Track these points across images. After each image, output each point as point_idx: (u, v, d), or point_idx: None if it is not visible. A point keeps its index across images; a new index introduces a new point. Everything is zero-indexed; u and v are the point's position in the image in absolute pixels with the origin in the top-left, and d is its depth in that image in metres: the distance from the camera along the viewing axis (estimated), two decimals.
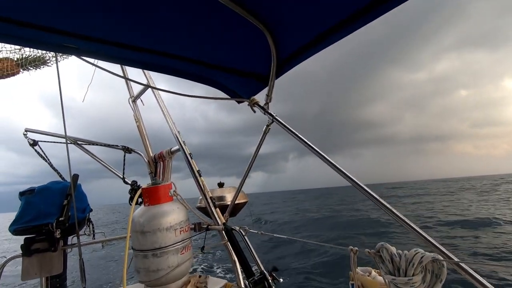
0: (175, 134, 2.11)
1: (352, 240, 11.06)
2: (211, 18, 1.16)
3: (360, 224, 15.63)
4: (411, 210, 22.85)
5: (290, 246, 8.99)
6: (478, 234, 11.29)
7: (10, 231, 1.85)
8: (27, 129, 2.83)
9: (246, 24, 1.14)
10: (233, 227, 1.74)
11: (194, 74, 1.77)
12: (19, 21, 1.14)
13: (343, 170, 1.22)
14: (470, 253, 8.56)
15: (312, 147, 1.30)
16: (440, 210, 21.48)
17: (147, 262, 1.65)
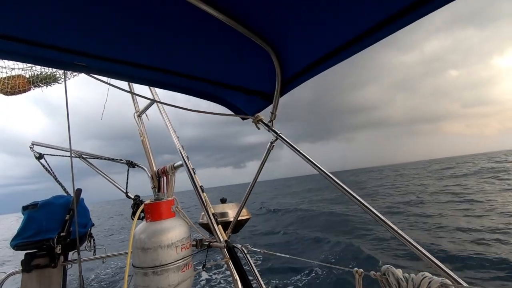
0: (179, 149, 2.12)
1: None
2: (217, 38, 1.19)
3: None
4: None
5: (291, 263, 8.81)
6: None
7: (11, 246, 1.84)
8: (34, 142, 2.87)
9: (251, 43, 1.16)
10: (235, 245, 1.71)
11: (200, 91, 1.80)
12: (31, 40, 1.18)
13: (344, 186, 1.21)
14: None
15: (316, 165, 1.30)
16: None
17: (147, 280, 1.62)
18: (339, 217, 15.54)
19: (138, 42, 1.25)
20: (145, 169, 2.57)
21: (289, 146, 1.46)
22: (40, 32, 1.15)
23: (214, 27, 1.11)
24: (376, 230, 11.01)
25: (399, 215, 14.46)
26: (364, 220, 13.02)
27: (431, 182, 30.20)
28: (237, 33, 1.08)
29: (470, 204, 14.79)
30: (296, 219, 17.39)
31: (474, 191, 19.21)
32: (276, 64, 1.26)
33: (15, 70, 2.19)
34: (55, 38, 1.19)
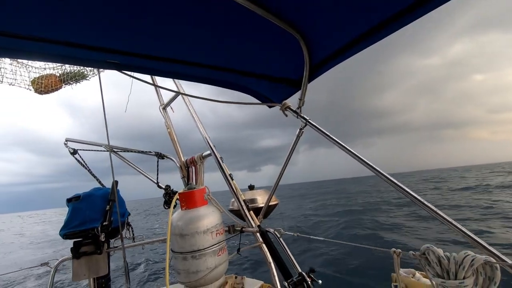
0: (206, 139, 2.18)
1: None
2: (243, 26, 1.20)
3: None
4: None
5: (324, 247, 8.88)
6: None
7: (60, 235, 2.00)
8: (68, 139, 3.03)
9: (278, 30, 1.16)
10: (268, 229, 1.77)
11: (225, 81, 1.82)
12: (68, 42, 1.24)
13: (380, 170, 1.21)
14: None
15: (350, 150, 1.31)
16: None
17: (186, 264, 1.72)
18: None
19: (164, 36, 1.28)
20: (173, 160, 2.66)
21: (319, 132, 1.47)
22: (76, 33, 1.20)
23: (240, 16, 1.11)
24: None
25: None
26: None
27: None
28: (264, 21, 1.09)
29: None
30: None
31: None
32: (304, 51, 1.26)
33: (47, 70, 2.30)
34: (90, 38, 1.24)
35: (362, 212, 18.30)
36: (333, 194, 41.08)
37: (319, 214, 19.47)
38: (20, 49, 1.23)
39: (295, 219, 17.70)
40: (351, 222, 15.16)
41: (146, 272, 8.83)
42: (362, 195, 33.63)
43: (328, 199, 32.44)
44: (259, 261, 8.09)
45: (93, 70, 2.45)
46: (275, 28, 1.14)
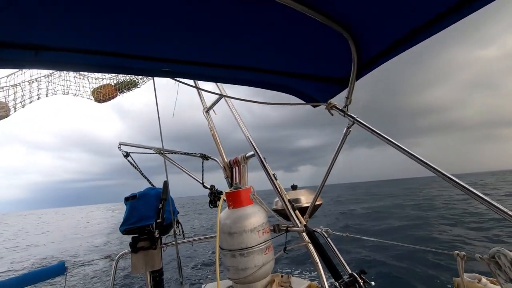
0: (250, 140, 2.23)
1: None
2: (288, 27, 1.22)
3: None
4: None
5: (375, 247, 8.55)
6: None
7: (120, 231, 2.19)
8: (121, 142, 3.29)
9: (323, 29, 1.16)
10: (315, 229, 1.77)
11: (268, 83, 1.85)
12: (130, 54, 1.36)
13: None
14: None
15: (405, 149, 1.26)
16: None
17: (235, 261, 1.78)
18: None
19: (211, 43, 1.34)
20: (217, 161, 2.77)
21: (368, 130, 1.43)
22: (137, 46, 1.31)
23: (283, 17, 1.13)
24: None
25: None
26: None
27: None
28: (310, 21, 1.09)
29: None
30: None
31: None
32: (352, 48, 1.24)
33: (104, 80, 2.53)
34: (148, 49, 1.35)
35: (415, 212, 17.29)
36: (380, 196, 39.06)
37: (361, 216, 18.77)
38: (83, 62, 1.37)
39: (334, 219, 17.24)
40: (403, 222, 14.42)
41: (194, 268, 9.30)
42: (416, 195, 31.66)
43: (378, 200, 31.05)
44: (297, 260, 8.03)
45: (143, 79, 2.64)
46: (321, 26, 1.14)
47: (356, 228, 14.67)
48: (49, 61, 1.25)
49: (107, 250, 15.16)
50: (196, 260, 10.35)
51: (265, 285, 1.85)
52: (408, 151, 1.27)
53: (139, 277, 7.73)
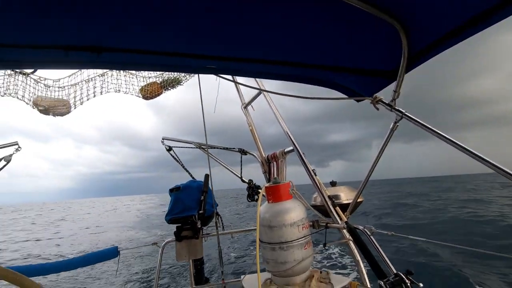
0: (289, 135, 2.23)
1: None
2: (332, 20, 1.19)
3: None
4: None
5: (416, 247, 8.07)
6: None
7: (166, 220, 2.34)
8: (164, 137, 3.48)
9: (370, 19, 1.12)
10: (356, 226, 1.73)
11: (309, 77, 1.84)
12: (176, 52, 1.43)
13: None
14: None
15: (458, 144, 1.19)
16: None
17: (275, 254, 1.80)
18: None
19: (253, 39, 1.36)
20: (255, 156, 2.81)
21: (418, 125, 1.36)
22: (184, 45, 1.38)
23: (327, 9, 1.11)
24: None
25: None
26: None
27: None
28: (357, 12, 1.06)
29: None
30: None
31: None
32: (403, 39, 1.19)
33: (151, 78, 2.70)
34: (194, 48, 1.41)
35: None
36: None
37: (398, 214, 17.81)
38: (137, 62, 1.47)
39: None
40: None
41: (233, 259, 9.62)
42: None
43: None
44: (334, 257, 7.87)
45: (186, 76, 2.76)
46: (369, 18, 1.10)
47: (399, 226, 13.90)
48: (109, 62, 1.37)
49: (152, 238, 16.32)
50: (235, 251, 10.71)
51: (304, 279, 1.86)
52: (464, 146, 1.19)
53: (182, 265, 8.24)
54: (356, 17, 1.13)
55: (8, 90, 2.34)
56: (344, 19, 1.17)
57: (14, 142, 3.01)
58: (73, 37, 1.17)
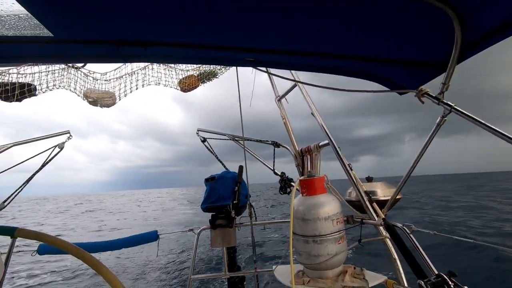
0: (324, 128, 2.20)
1: None
2: (375, 8, 1.14)
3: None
4: None
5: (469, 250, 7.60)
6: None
7: (202, 208, 2.44)
8: (199, 129, 3.60)
9: (419, 7, 1.06)
10: (395, 224, 1.68)
11: (347, 69, 1.79)
12: (217, 45, 1.46)
13: None
14: None
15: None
16: None
17: (308, 246, 1.81)
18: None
19: (291, 30, 1.34)
20: (288, 149, 2.81)
21: (470, 120, 1.28)
22: (224, 37, 1.40)
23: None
24: None
25: None
26: None
27: None
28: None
29: None
30: None
31: None
32: (457, 28, 1.11)
33: (189, 71, 2.79)
34: (234, 40, 1.43)
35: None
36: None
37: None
38: (180, 55, 1.53)
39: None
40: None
41: (264, 249, 9.84)
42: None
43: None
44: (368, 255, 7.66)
45: (222, 69, 2.82)
46: (416, 4, 1.05)
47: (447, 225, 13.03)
48: (154, 55, 1.44)
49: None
50: (266, 242, 10.93)
51: (337, 274, 1.85)
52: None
53: (215, 252, 8.63)
54: (402, 3, 1.07)
55: (62, 83, 2.55)
56: (389, 7, 1.12)
57: (66, 131, 3.30)
58: (124, 32, 1.25)
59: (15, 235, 1.11)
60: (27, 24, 1.14)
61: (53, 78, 2.54)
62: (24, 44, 1.28)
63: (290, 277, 1.66)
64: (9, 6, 1.02)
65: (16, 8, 1.02)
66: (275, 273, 2.06)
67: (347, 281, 1.75)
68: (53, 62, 2.31)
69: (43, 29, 1.15)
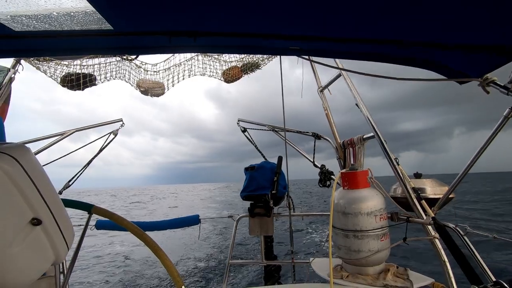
0: (370, 120, 2.10)
1: None
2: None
3: None
4: None
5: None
6: None
7: (241, 197, 2.50)
8: (240, 119, 3.67)
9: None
10: (446, 224, 1.56)
11: (398, 57, 1.67)
12: (263, 33, 1.46)
13: None
14: None
15: None
16: None
17: (348, 241, 1.77)
18: None
19: (340, 17, 1.28)
20: (329, 141, 2.74)
21: None
22: (267, 25, 1.39)
23: None
24: None
25: None
26: None
27: None
28: None
29: None
30: None
31: None
32: None
33: (232, 62, 2.84)
34: (279, 28, 1.41)
35: None
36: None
37: None
38: (227, 44, 1.55)
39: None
40: None
41: (299, 241, 9.89)
42: None
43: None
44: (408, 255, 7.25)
45: (265, 60, 2.82)
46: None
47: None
48: (203, 45, 1.48)
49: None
50: (302, 234, 10.94)
51: (378, 272, 1.78)
52: None
53: (253, 240, 8.90)
54: None
55: (118, 74, 2.77)
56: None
57: (119, 118, 3.59)
58: (176, 23, 1.30)
59: (92, 211, 1.27)
60: (92, 19, 1.24)
61: (110, 69, 2.77)
62: (87, 37, 1.40)
63: (328, 270, 1.64)
64: (78, 3, 1.12)
65: (83, 5, 1.12)
66: (312, 265, 2.05)
67: (389, 279, 1.68)
68: (111, 54, 2.52)
69: (105, 23, 1.25)
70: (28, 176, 0.75)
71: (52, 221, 0.82)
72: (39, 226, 0.75)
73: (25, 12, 1.18)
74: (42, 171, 0.88)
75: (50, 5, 1.14)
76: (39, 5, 1.15)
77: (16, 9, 1.16)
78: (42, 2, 1.11)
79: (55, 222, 0.84)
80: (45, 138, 3.02)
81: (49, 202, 0.82)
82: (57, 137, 3.02)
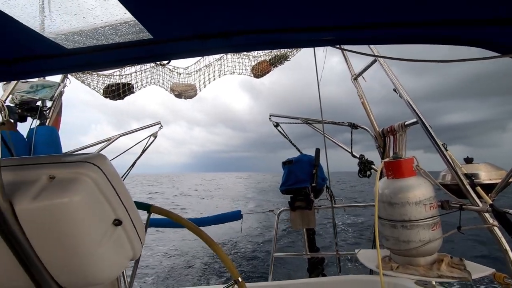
0: (411, 105, 1.99)
1: None
2: None
3: None
4: None
5: None
6: None
7: (280, 191, 2.52)
8: (272, 114, 3.66)
9: None
10: (506, 210, 1.45)
11: (437, 37, 1.56)
12: (294, 27, 1.44)
13: None
14: None
15: None
16: None
17: (396, 232, 1.72)
18: None
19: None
20: (367, 130, 2.65)
21: None
22: (298, 18, 1.37)
23: None
24: None
25: None
26: None
27: None
28: None
29: None
30: None
31: None
32: None
33: (261, 57, 2.85)
34: (313, 19, 1.39)
35: None
36: None
37: None
38: (259, 42, 1.55)
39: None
40: None
41: (341, 233, 9.82)
42: None
43: None
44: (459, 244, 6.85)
45: (293, 51, 2.78)
46: None
47: None
48: (235, 45, 1.49)
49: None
50: (343, 226, 10.87)
51: (430, 262, 1.71)
52: None
53: (295, 232, 8.99)
54: None
55: (153, 80, 2.90)
56: None
57: (157, 122, 3.76)
58: (209, 25, 1.33)
59: (150, 210, 1.37)
60: (134, 30, 1.31)
61: (146, 76, 2.91)
62: (130, 48, 1.48)
63: (376, 261, 1.61)
64: (122, 16, 1.19)
65: (127, 17, 1.19)
66: (358, 257, 2.02)
67: (444, 270, 1.61)
68: (149, 62, 2.63)
69: (145, 32, 1.31)
70: (109, 182, 0.83)
71: (129, 221, 0.91)
72: (120, 226, 0.83)
73: (76, 30, 1.27)
74: (118, 176, 0.97)
75: (98, 21, 1.22)
76: (88, 22, 1.23)
77: (70, 28, 1.25)
78: (91, 19, 1.19)
79: (131, 221, 0.92)
80: (95, 144, 3.27)
81: (126, 203, 0.91)
82: (105, 143, 3.25)
